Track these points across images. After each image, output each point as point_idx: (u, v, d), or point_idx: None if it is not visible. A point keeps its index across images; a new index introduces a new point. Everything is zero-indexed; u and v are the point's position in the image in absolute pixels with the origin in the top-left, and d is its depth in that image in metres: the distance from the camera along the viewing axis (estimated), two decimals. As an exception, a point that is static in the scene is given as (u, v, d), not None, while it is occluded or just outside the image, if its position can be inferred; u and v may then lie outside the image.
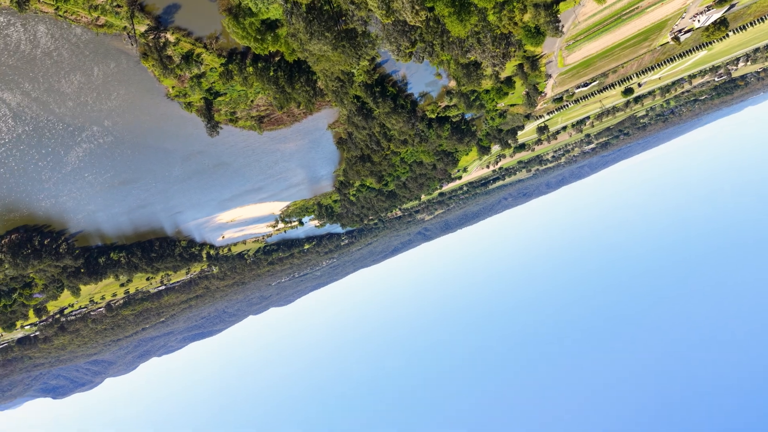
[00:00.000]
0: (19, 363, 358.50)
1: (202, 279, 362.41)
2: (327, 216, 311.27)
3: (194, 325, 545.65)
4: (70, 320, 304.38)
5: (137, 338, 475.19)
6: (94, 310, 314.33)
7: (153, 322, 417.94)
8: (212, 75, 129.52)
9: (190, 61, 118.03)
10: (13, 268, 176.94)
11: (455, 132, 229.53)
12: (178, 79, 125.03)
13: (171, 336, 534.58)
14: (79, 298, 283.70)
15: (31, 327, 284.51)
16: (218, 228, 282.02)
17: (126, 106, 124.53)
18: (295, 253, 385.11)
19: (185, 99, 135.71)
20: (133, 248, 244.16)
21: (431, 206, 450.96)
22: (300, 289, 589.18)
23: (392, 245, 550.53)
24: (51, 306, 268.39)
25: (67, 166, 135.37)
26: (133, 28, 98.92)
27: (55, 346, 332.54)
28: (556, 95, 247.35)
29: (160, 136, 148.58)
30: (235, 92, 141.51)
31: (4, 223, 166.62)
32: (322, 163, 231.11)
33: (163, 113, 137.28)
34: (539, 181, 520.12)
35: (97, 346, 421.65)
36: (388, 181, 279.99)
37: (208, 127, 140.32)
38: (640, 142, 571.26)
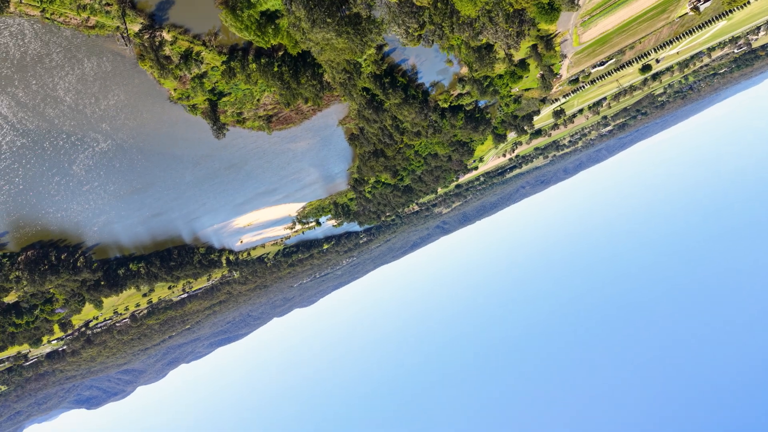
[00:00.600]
0: (51, 377, 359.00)
1: (224, 284, 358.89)
2: (344, 215, 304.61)
3: (220, 330, 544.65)
4: (96, 333, 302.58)
5: (165, 346, 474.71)
6: (119, 322, 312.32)
7: (179, 329, 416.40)
8: (214, 74, 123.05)
9: (190, 61, 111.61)
10: (31, 285, 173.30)
11: (469, 121, 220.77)
12: (179, 81, 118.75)
13: (198, 342, 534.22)
14: (103, 311, 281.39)
15: (58, 341, 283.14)
16: (236, 233, 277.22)
17: (128, 112, 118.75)
18: (315, 253, 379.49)
19: (189, 101, 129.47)
20: (151, 258, 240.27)
21: (448, 199, 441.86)
22: (322, 289, 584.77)
23: (411, 240, 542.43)
24: (76, 320, 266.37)
25: (74, 177, 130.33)
26: (125, 27, 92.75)
27: (83, 359, 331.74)
28: (572, 76, 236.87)
29: (166, 141, 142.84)
30: (239, 91, 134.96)
31: (18, 240, 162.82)
32: (335, 161, 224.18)
33: (168, 117, 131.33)
34: (556, 167, 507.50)
35: (125, 356, 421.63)
36: (403, 175, 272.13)
37: (214, 129, 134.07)
38: (658, 122, 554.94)
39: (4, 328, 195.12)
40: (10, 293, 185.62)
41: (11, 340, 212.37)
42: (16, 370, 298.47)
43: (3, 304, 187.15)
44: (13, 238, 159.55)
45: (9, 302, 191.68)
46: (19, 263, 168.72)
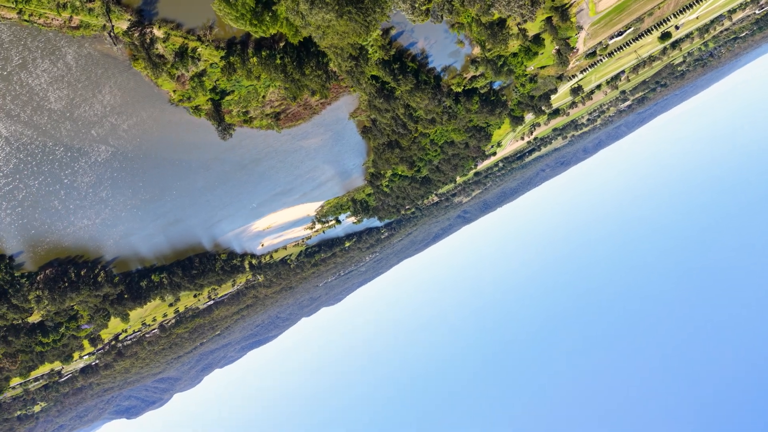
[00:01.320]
0: (89, 390, 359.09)
1: (249, 289, 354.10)
2: (363, 211, 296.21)
3: (250, 333, 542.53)
4: (126, 345, 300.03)
5: (197, 353, 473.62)
6: (148, 333, 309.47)
7: (209, 336, 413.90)
8: (214, 71, 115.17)
9: (186, 58, 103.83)
10: (52, 304, 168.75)
11: (485, 104, 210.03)
12: (177, 81, 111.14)
13: (229, 347, 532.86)
14: (131, 323, 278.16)
15: (90, 356, 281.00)
16: (256, 236, 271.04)
17: (128, 118, 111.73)
18: (337, 252, 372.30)
19: (191, 103, 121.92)
20: (173, 267, 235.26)
21: (468, 188, 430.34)
22: (348, 286, 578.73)
23: (433, 232, 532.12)
24: (104, 334, 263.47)
25: (79, 190, 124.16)
26: (112, 26, 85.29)
27: (117, 371, 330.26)
28: (589, 50, 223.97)
29: (172, 147, 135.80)
30: (243, 89, 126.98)
31: (35, 259, 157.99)
32: (350, 156, 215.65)
33: (170, 121, 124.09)
34: (576, 147, 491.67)
35: (159, 365, 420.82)
36: (420, 166, 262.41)
37: (219, 130, 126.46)
38: (677, 93, 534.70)
39: (32, 347, 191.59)
40: (33, 313, 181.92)
41: (41, 359, 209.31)
42: (53, 387, 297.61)
43: (27, 324, 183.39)
44: (30, 258, 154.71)
45: (34, 322, 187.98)
46: (38, 282, 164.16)
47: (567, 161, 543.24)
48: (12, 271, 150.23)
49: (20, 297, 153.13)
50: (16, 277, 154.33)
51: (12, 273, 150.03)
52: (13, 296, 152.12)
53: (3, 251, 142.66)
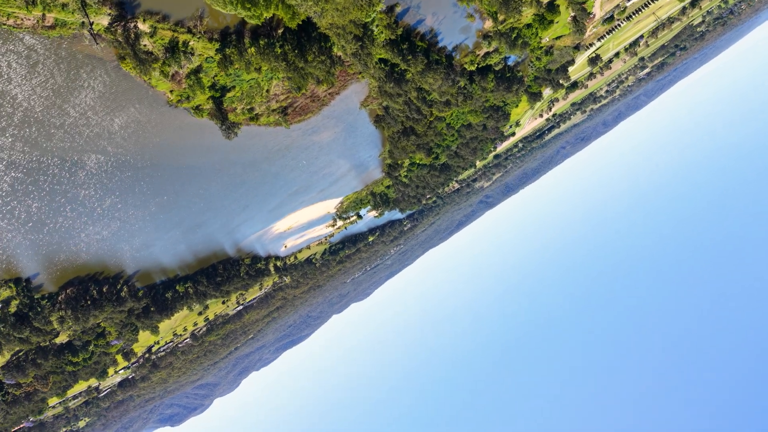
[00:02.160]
0: (130, 402, 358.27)
1: (277, 291, 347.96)
2: (383, 204, 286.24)
3: (283, 334, 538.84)
4: (160, 356, 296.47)
5: (233, 357, 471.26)
6: (180, 343, 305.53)
7: (242, 340, 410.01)
8: (210, 66, 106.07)
9: (178, 53, 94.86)
10: (76, 323, 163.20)
11: (501, 81, 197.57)
12: (172, 80, 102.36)
13: (264, 349, 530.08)
14: (162, 335, 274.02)
15: (125, 370, 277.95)
16: (278, 238, 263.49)
17: (125, 125, 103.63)
18: (361, 247, 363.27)
19: (190, 103, 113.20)
20: (197, 276, 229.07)
21: (488, 172, 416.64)
22: (375, 280, 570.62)
23: (456, 220, 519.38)
24: (137, 347, 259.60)
25: (85, 205, 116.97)
26: (90, 22, 76.71)
27: (154, 382, 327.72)
28: (606, 14, 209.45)
29: (178, 152, 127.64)
30: (244, 83, 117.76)
31: (53, 279, 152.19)
32: (365, 148, 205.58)
33: (172, 125, 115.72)
34: (595, 121, 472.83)
35: (196, 373, 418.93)
36: (438, 153, 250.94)
37: (223, 129, 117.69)
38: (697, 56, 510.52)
39: (62, 368, 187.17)
40: (60, 334, 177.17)
41: (74, 378, 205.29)
42: (93, 402, 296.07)
43: (55, 345, 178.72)
44: (48, 278, 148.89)
45: (62, 342, 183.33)
46: (60, 303, 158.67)
47: (587, 136, 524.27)
48: (31, 293, 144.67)
49: (41, 320, 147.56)
50: (36, 299, 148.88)
51: (31, 295, 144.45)
52: (34, 319, 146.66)
53: (18, 274, 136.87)
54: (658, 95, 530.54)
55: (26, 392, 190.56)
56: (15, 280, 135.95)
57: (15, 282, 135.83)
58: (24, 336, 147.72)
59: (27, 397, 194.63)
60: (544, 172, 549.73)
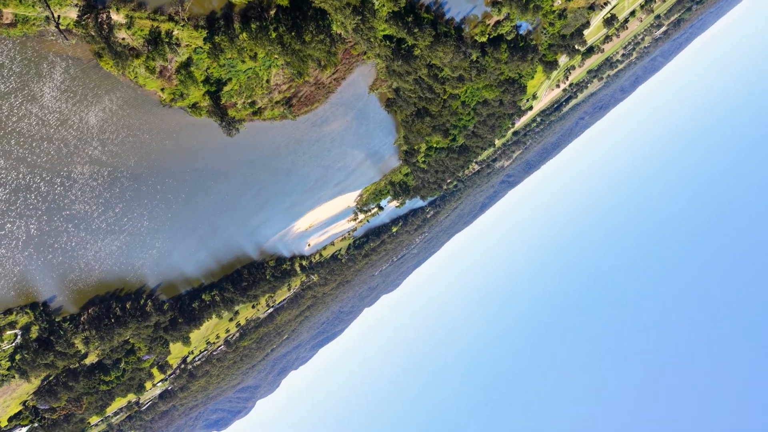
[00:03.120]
0: (174, 411, 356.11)
1: (306, 290, 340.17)
2: (403, 192, 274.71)
3: (317, 332, 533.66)
4: (196, 366, 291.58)
5: (270, 359, 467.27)
6: (215, 350, 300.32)
7: (277, 342, 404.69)
8: (201, 58, 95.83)
9: (161, 45, 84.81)
10: (101, 343, 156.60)
11: (514, 51, 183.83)
12: (161, 77, 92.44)
13: (300, 348, 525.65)
14: (195, 344, 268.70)
15: (163, 382, 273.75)
16: (300, 237, 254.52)
17: (117, 131, 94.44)
18: (386, 239, 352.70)
19: (185, 101, 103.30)
20: (222, 283, 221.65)
21: (507, 150, 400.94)
22: (403, 270, 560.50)
23: (479, 202, 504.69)
24: (171, 359, 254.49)
25: (88, 221, 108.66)
26: (55, 16, 67.11)
27: (194, 391, 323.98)
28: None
29: (181, 156, 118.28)
30: (241, 74, 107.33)
31: (73, 300, 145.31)
32: (378, 136, 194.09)
33: (169, 127, 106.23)
34: (613, 88, 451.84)
35: (236, 377, 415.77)
36: (455, 134, 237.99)
37: (223, 126, 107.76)
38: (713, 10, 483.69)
39: (96, 388, 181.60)
40: (89, 354, 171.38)
41: (110, 396, 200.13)
42: (136, 416, 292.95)
43: (85, 366, 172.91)
44: (67, 300, 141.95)
45: (92, 362, 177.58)
46: (83, 323, 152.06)
47: (605, 104, 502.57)
48: (50, 317, 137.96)
49: (64, 343, 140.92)
50: (57, 322, 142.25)
51: (51, 319, 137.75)
52: (56, 343, 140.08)
53: (35, 298, 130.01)
54: (675, 55, 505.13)
55: (63, 415, 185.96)
56: (31, 305, 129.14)
57: (31, 307, 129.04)
58: (49, 361, 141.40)
59: (65, 419, 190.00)
60: (564, 145, 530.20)
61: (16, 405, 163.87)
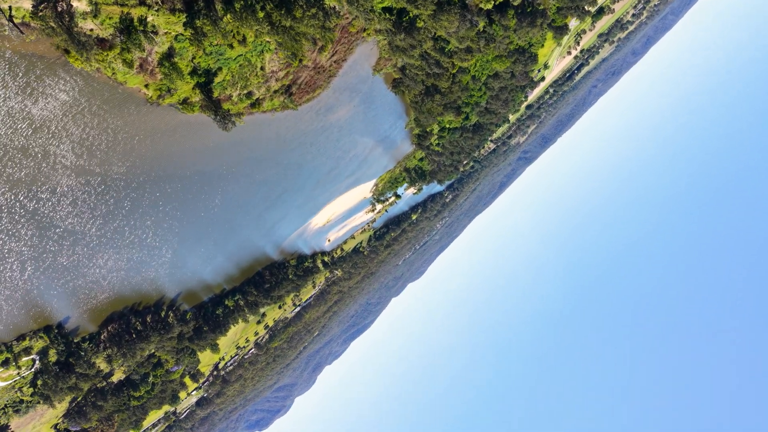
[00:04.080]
0: (214, 416, 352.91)
1: (331, 286, 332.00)
2: (419, 178, 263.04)
3: (348, 325, 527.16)
4: (229, 371, 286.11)
5: (303, 357, 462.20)
6: (246, 354, 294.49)
7: (308, 339, 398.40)
8: (184, 47, 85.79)
9: (136, 35, 74.97)
10: (124, 359, 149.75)
11: (522, 17, 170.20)
12: (143, 71, 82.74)
13: (332, 343, 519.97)
14: (225, 350, 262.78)
15: (197, 391, 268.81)
16: (319, 233, 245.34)
17: (102, 136, 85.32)
18: (406, 227, 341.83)
19: (174, 97, 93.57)
20: (244, 287, 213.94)
21: (522, 125, 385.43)
22: (427, 257, 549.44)
23: (497, 182, 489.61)
24: (203, 367, 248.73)
25: (86, 237, 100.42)
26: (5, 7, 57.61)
27: (230, 396, 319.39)
28: None
29: (179, 158, 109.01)
30: (231, 63, 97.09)
31: (90, 318, 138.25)
32: (388, 120, 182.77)
33: (161, 127, 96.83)
34: (624, 51, 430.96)
35: (271, 378, 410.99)
36: (468, 112, 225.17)
37: (217, 121, 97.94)
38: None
39: (126, 404, 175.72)
40: (115, 372, 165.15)
41: (143, 411, 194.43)
42: (176, 425, 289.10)
43: (113, 383, 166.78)
44: (83, 319, 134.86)
45: (120, 379, 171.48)
46: (104, 341, 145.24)
47: (618, 70, 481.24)
48: (67, 338, 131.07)
49: (84, 364, 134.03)
50: (76, 343, 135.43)
51: (69, 341, 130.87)
52: (77, 365, 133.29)
53: (47, 321, 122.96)
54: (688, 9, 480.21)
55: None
56: (44, 328, 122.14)
57: (45, 330, 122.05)
58: (71, 384, 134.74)
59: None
60: (579, 115, 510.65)
61: (48, 430, 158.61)
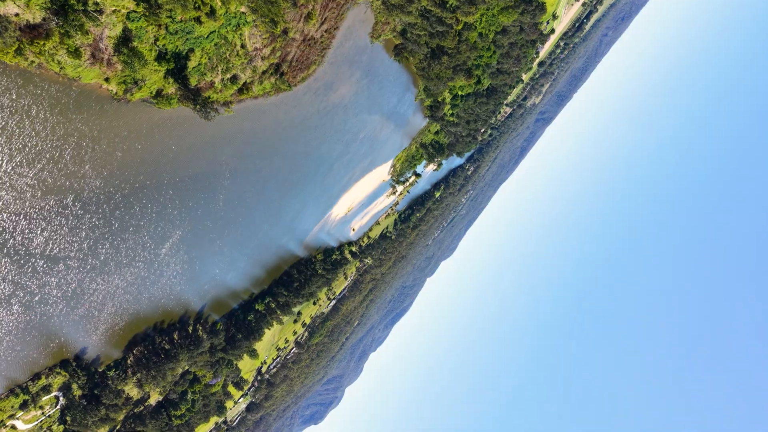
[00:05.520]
0: (267, 417, 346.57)
1: (364, 275, 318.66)
2: (437, 153, 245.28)
3: (386, 311, 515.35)
4: (273, 373, 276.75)
5: (347, 348, 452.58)
6: (287, 354, 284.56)
7: (348, 331, 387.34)
8: (140, 27, 70.85)
9: (74, 16, 60.32)
10: (155, 382, 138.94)
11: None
12: (97, 62, 68.34)
13: (373, 330, 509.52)
14: (267, 353, 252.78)
15: (244, 397, 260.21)
16: (341, 223, 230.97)
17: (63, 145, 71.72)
18: (431, 206, 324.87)
19: (144, 90, 79.09)
20: (273, 289, 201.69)
21: (536, 85, 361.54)
22: (456, 233, 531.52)
23: (517, 147, 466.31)
24: (245, 374, 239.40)
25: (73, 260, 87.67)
26: None
27: (279, 397, 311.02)
28: None
29: (169, 161, 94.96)
30: (205, 42, 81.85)
31: (112, 344, 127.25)
32: (395, 93, 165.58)
33: (137, 127, 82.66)
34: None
35: (318, 373, 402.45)
36: (479, 75, 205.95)
37: (198, 111, 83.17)
38: None
39: (169, 424, 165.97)
40: (151, 395, 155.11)
41: (188, 428, 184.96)
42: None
43: (150, 406, 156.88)
44: (104, 347, 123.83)
45: (159, 400, 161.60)
46: (131, 366, 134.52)
47: (627, 14, 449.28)
48: (89, 369, 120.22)
49: (110, 394, 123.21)
50: (100, 372, 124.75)
51: (90, 371, 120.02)
52: (104, 396, 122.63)
53: (63, 356, 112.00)
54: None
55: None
56: (61, 363, 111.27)
57: (62, 366, 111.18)
58: (102, 416, 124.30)
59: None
60: (591, 68, 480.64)
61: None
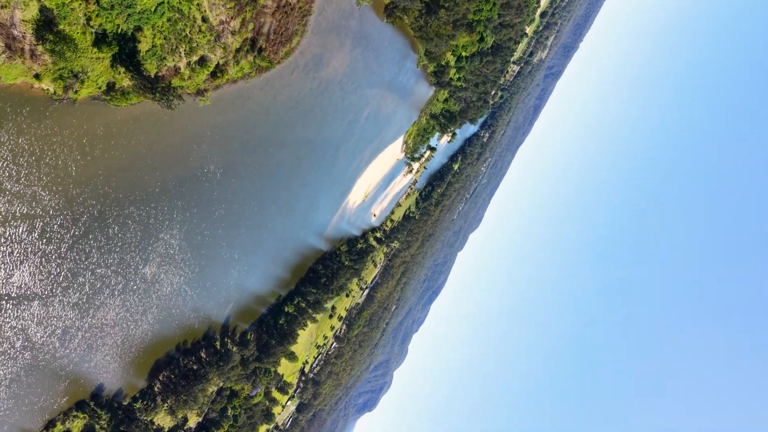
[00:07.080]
0: (321, 413, 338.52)
1: (393, 259, 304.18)
2: (449, 122, 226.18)
3: (422, 291, 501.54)
4: (317, 371, 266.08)
5: (388, 333, 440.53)
6: (329, 350, 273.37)
7: (387, 317, 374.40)
8: (63, 2, 55.48)
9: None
10: (187, 407, 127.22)
11: None
12: (12, 53, 53.51)
13: (412, 312, 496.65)
14: (306, 353, 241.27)
15: (292, 400, 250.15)
16: (361, 210, 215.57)
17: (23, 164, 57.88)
18: (450, 179, 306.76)
19: (90, 86, 64.11)
20: (300, 288, 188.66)
21: (541, 38, 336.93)
22: (480, 203, 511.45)
23: (530, 106, 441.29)
24: (288, 377, 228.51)
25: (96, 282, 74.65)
26: None
27: (328, 393, 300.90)
28: None
29: (143, 167, 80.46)
30: (154, 17, 66.04)
31: (131, 374, 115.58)
32: (393, 61, 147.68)
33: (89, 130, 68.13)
34: None
35: (363, 362, 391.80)
36: (482, 31, 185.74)
37: (159, 101, 67.96)
38: None
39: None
40: (189, 418, 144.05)
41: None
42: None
43: (191, 429, 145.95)
44: (122, 378, 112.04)
45: (199, 421, 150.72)
46: (160, 394, 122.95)
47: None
48: (112, 404, 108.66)
49: (137, 429, 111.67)
50: (125, 406, 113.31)
51: (112, 406, 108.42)
52: (129, 431, 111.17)
53: (78, 397, 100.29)
54: None
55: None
56: (76, 405, 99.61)
57: (78, 407, 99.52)
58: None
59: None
60: (594, 13, 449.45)
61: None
